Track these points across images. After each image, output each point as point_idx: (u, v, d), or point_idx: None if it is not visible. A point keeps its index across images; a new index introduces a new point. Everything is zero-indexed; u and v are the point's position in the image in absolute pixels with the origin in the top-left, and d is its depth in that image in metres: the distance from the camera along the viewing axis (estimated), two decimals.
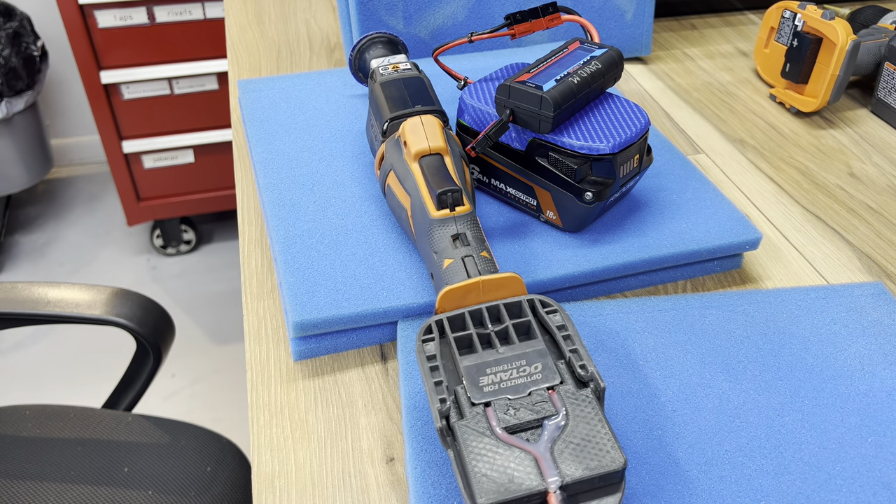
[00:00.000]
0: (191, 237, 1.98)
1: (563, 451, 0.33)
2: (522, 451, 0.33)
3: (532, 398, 0.35)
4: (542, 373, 0.36)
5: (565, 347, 0.37)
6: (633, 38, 0.83)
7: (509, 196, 0.55)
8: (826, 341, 0.46)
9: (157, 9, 1.59)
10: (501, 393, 0.35)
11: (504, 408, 0.34)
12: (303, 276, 0.48)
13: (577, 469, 0.32)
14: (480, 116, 0.53)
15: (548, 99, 0.47)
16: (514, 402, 0.35)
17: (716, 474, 0.38)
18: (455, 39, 0.57)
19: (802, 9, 0.74)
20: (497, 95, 0.50)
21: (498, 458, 0.32)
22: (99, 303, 0.77)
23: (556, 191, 0.50)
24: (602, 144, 0.48)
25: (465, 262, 0.42)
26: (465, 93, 0.54)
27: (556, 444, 0.33)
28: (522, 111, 0.48)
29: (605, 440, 0.33)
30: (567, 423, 0.34)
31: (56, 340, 1.69)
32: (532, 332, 0.38)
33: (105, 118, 1.67)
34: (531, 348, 0.37)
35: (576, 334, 0.37)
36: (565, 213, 0.51)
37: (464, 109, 0.54)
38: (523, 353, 0.37)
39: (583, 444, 0.33)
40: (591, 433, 0.33)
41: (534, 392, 0.35)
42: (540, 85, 0.48)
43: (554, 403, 0.35)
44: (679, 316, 0.48)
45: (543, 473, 0.32)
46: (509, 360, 0.37)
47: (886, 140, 0.73)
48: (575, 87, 0.49)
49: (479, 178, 0.56)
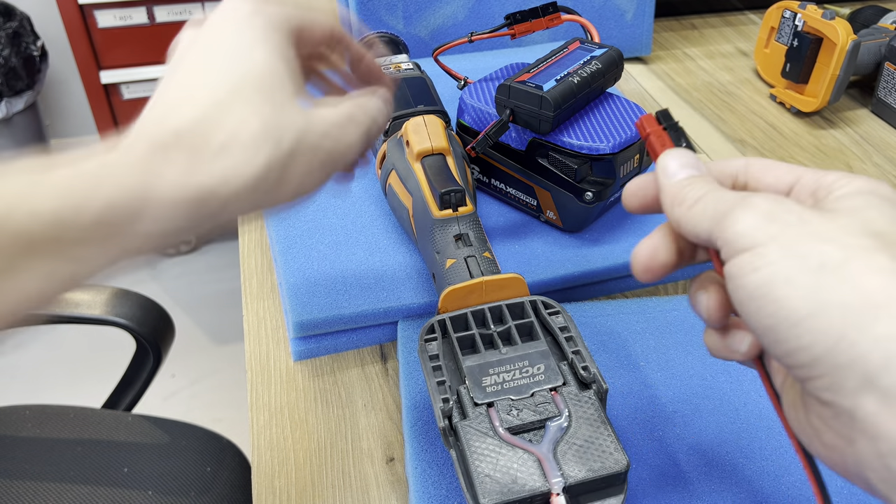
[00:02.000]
0: (191, 237, 1.98)
1: (566, 452, 0.32)
2: (525, 452, 0.33)
3: (535, 399, 0.35)
4: (545, 374, 0.36)
5: (568, 349, 0.37)
6: (633, 38, 0.83)
7: (509, 196, 0.55)
8: None
9: (157, 9, 1.59)
10: (504, 393, 0.35)
11: (507, 408, 0.34)
12: (303, 276, 0.48)
13: (580, 470, 0.32)
14: (480, 116, 0.53)
15: (548, 99, 0.47)
16: (517, 402, 0.35)
17: (716, 475, 0.38)
18: (455, 39, 0.56)
19: (803, 9, 0.74)
20: (497, 95, 0.50)
21: (501, 458, 0.32)
22: (99, 303, 0.77)
23: (557, 191, 0.50)
24: (602, 144, 0.48)
25: (467, 262, 0.41)
26: (465, 93, 0.54)
27: (558, 445, 0.33)
28: (522, 111, 0.48)
29: (608, 442, 0.33)
30: (570, 424, 0.34)
31: (56, 340, 1.69)
32: (535, 333, 0.38)
33: (105, 118, 1.67)
34: (534, 349, 0.37)
35: (578, 336, 0.37)
36: (566, 212, 0.51)
37: (464, 109, 0.54)
38: (526, 353, 0.37)
39: (586, 446, 0.33)
40: (593, 435, 0.33)
41: (536, 393, 0.35)
42: (540, 85, 0.48)
43: (557, 405, 0.35)
44: (680, 316, 0.47)
45: (546, 474, 0.32)
46: (512, 361, 0.37)
47: (886, 140, 0.73)
48: (575, 86, 0.48)
49: (480, 178, 0.56)
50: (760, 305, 0.24)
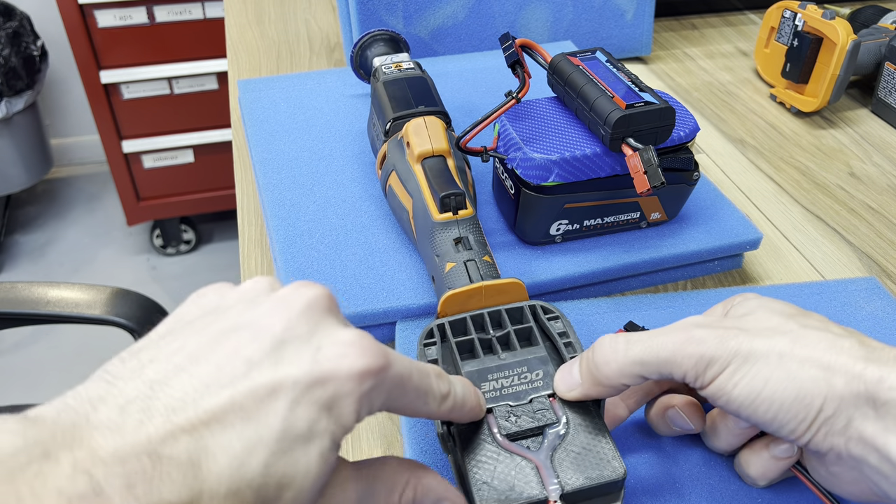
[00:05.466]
0: (191, 237, 1.98)
1: (563, 459, 0.32)
2: (523, 459, 0.33)
3: (533, 405, 0.35)
4: (544, 380, 0.36)
5: (567, 355, 0.37)
6: (633, 38, 0.83)
7: (606, 226, 0.51)
8: None
9: (157, 8, 1.59)
10: (503, 399, 0.35)
11: (505, 414, 0.34)
12: (303, 276, 0.48)
13: (577, 478, 0.32)
14: (565, 167, 0.47)
15: (669, 108, 0.46)
16: (516, 408, 0.35)
17: (716, 475, 0.38)
18: (475, 128, 0.47)
19: (803, 8, 0.74)
20: (612, 132, 0.45)
21: (499, 465, 0.32)
22: (99, 302, 0.77)
23: (667, 188, 0.51)
24: (683, 133, 0.49)
25: (467, 266, 0.41)
26: (518, 160, 0.48)
27: (556, 452, 0.33)
28: (643, 131, 0.46)
29: (605, 449, 0.33)
30: (568, 431, 0.34)
31: (56, 340, 1.69)
32: (533, 338, 0.38)
33: (105, 118, 1.67)
34: (532, 355, 0.37)
35: (577, 342, 0.37)
36: (675, 204, 0.52)
37: (534, 175, 0.47)
38: (525, 359, 0.37)
39: (584, 454, 0.33)
40: (591, 442, 0.33)
41: (535, 399, 0.35)
42: (653, 101, 0.46)
43: (555, 411, 0.35)
44: (676, 314, 0.47)
45: (544, 482, 0.32)
46: (511, 367, 0.37)
47: (887, 140, 0.73)
48: (648, 88, 0.48)
49: (568, 228, 0.51)
50: (756, 408, 0.30)
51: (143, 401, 0.22)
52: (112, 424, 0.21)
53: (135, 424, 0.21)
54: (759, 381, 0.30)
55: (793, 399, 0.30)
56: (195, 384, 0.23)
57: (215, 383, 0.23)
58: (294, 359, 0.25)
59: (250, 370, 0.24)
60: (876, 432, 0.29)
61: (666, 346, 0.32)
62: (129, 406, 0.22)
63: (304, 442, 0.24)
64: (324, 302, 0.27)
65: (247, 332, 0.25)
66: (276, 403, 0.23)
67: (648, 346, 0.32)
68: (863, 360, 0.30)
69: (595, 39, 0.81)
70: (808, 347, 0.30)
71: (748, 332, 0.32)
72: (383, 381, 0.26)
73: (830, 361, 0.30)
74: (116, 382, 0.23)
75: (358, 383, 0.25)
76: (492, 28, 0.78)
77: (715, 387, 0.31)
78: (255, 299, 0.27)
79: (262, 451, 0.23)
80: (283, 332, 0.25)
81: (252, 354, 0.24)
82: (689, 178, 0.51)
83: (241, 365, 0.24)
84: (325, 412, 0.24)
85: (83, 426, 0.21)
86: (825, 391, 0.29)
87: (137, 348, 0.25)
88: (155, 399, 0.22)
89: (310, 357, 0.25)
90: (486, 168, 0.58)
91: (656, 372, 0.32)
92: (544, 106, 0.51)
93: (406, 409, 0.29)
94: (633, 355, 0.32)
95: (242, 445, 0.22)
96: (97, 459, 0.20)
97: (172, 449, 0.21)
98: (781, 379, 0.30)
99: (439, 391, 0.30)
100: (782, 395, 0.30)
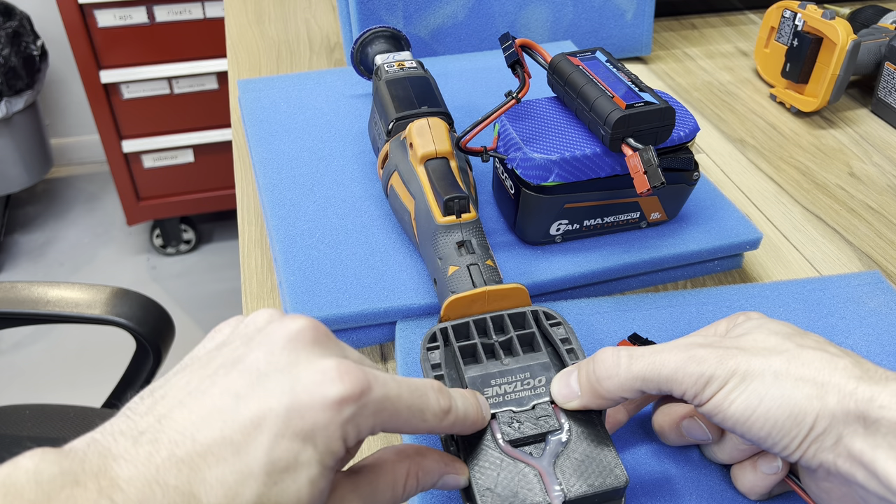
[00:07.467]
0: (191, 237, 1.98)
1: (566, 466, 0.33)
2: (526, 466, 0.33)
3: (536, 412, 0.35)
4: (546, 386, 0.36)
5: (569, 361, 0.37)
6: (633, 38, 0.83)
7: (606, 226, 0.52)
8: (824, 332, 0.46)
9: (157, 8, 1.59)
10: (505, 405, 0.35)
11: (508, 420, 0.34)
12: (303, 275, 0.48)
13: (580, 485, 0.32)
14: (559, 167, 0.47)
15: (669, 108, 0.45)
16: (518, 414, 0.35)
17: (716, 475, 0.38)
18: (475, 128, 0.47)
19: (803, 8, 0.74)
20: (612, 132, 0.45)
21: (502, 472, 0.32)
22: (98, 302, 0.77)
23: (667, 188, 0.50)
24: (683, 132, 0.49)
25: (470, 270, 0.41)
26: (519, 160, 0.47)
27: (559, 459, 0.33)
28: (643, 131, 0.46)
29: (608, 457, 0.33)
30: (570, 438, 0.34)
31: (56, 340, 1.69)
32: (536, 344, 0.38)
33: (105, 118, 1.67)
34: (535, 361, 0.37)
35: (579, 348, 0.37)
36: (675, 203, 0.52)
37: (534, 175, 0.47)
38: (527, 365, 0.37)
39: (586, 461, 0.33)
40: (594, 449, 0.33)
41: (538, 406, 0.35)
42: (653, 101, 0.46)
43: (557, 418, 0.35)
44: (676, 313, 0.47)
45: (547, 489, 0.32)
46: (513, 373, 0.37)
47: (886, 140, 0.73)
48: (646, 87, 0.48)
49: (568, 228, 0.51)
50: (751, 425, 0.31)
51: (153, 433, 0.24)
52: (128, 455, 0.24)
53: (146, 455, 0.24)
54: (755, 398, 0.31)
55: (786, 416, 0.30)
56: (193, 418, 0.25)
57: (210, 417, 0.25)
58: (275, 390, 0.26)
59: (238, 404, 0.25)
60: (864, 449, 0.29)
61: (668, 365, 0.32)
62: (142, 438, 0.24)
63: (292, 472, 0.25)
64: (308, 334, 0.28)
65: (238, 367, 0.27)
66: (260, 437, 0.25)
67: (651, 363, 0.33)
68: (856, 379, 0.30)
69: (595, 39, 0.81)
70: (803, 367, 0.31)
71: (746, 352, 0.32)
72: (366, 404, 0.27)
73: (825, 379, 0.31)
74: (134, 417, 0.25)
75: (336, 411, 0.26)
76: (492, 28, 0.78)
77: (712, 404, 0.32)
78: (250, 334, 0.28)
79: (252, 484, 0.24)
80: (266, 366, 0.26)
81: (239, 389, 0.26)
82: (688, 178, 0.51)
83: (230, 399, 0.25)
84: (307, 442, 0.25)
85: (107, 457, 0.24)
86: (818, 408, 0.30)
87: (155, 386, 0.27)
88: (161, 432, 0.24)
89: (289, 388, 0.26)
90: (486, 168, 0.58)
91: (656, 388, 0.33)
92: (544, 106, 0.51)
93: (404, 428, 0.29)
94: (636, 372, 0.33)
95: (235, 478, 0.24)
96: (116, 487, 0.23)
97: (176, 479, 0.23)
98: (776, 397, 0.31)
99: (438, 407, 0.30)
100: (776, 412, 0.30)
